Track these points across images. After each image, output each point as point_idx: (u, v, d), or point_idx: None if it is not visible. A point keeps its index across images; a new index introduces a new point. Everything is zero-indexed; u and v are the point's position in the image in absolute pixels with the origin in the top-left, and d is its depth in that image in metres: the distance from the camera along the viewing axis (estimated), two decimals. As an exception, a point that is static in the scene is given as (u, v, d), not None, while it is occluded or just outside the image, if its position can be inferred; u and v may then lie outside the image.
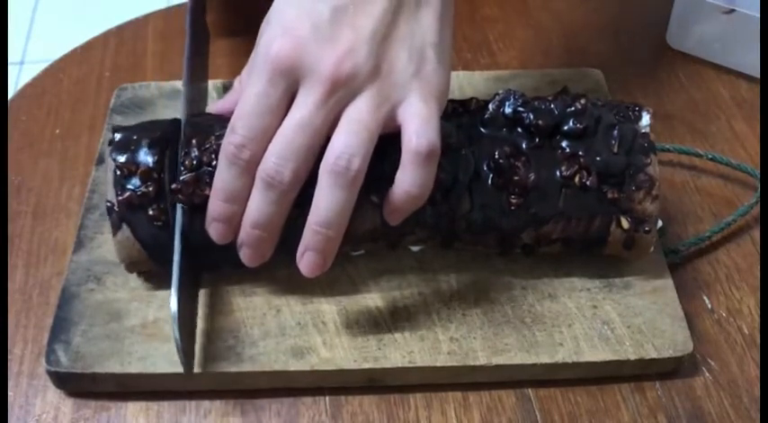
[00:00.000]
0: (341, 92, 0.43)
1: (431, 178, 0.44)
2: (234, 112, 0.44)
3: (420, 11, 0.45)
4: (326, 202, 0.43)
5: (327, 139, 0.43)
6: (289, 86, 0.43)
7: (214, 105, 0.51)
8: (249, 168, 0.44)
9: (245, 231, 0.45)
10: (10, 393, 0.47)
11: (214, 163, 0.46)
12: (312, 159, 0.43)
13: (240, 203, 0.44)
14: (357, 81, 0.43)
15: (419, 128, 0.43)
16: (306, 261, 0.44)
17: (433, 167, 0.44)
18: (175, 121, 0.50)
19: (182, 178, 0.46)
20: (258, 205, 0.44)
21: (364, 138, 0.42)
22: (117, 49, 0.69)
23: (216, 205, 0.45)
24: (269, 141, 0.43)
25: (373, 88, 0.43)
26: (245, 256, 0.46)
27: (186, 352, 0.45)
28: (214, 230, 0.45)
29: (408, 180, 0.43)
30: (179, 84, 0.63)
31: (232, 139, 0.43)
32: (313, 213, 0.43)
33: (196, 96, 0.56)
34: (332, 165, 0.42)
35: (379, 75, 0.43)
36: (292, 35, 0.43)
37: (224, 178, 0.44)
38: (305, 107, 0.43)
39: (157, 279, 0.50)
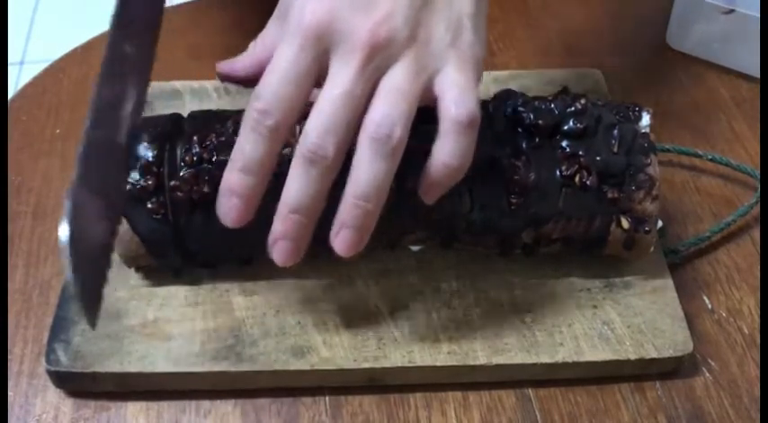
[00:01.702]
0: (378, 59, 0.40)
1: (471, 149, 0.41)
2: (244, 74, 0.43)
3: None
4: (367, 173, 0.40)
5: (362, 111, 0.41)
6: (319, 54, 0.41)
7: (227, 64, 0.48)
8: (271, 137, 0.41)
9: (283, 219, 0.41)
10: (10, 393, 0.47)
11: (214, 159, 0.46)
12: (352, 133, 0.40)
13: (257, 176, 0.41)
14: (394, 47, 0.41)
15: (458, 97, 0.41)
16: (341, 238, 0.41)
17: (473, 137, 0.41)
18: (174, 116, 0.50)
19: (181, 174, 0.46)
20: (299, 185, 0.40)
21: (404, 108, 0.40)
22: (117, 49, 0.69)
23: (232, 176, 0.41)
24: (293, 111, 0.41)
25: (410, 55, 0.41)
26: (281, 251, 0.42)
27: (88, 303, 0.39)
28: (226, 207, 0.42)
29: (447, 151, 0.41)
30: (179, 84, 0.63)
31: (256, 105, 0.41)
32: (351, 186, 0.40)
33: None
34: (373, 133, 0.40)
35: (416, 42, 0.41)
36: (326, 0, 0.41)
37: (243, 147, 0.41)
38: (345, 76, 0.40)
39: (157, 277, 0.50)
